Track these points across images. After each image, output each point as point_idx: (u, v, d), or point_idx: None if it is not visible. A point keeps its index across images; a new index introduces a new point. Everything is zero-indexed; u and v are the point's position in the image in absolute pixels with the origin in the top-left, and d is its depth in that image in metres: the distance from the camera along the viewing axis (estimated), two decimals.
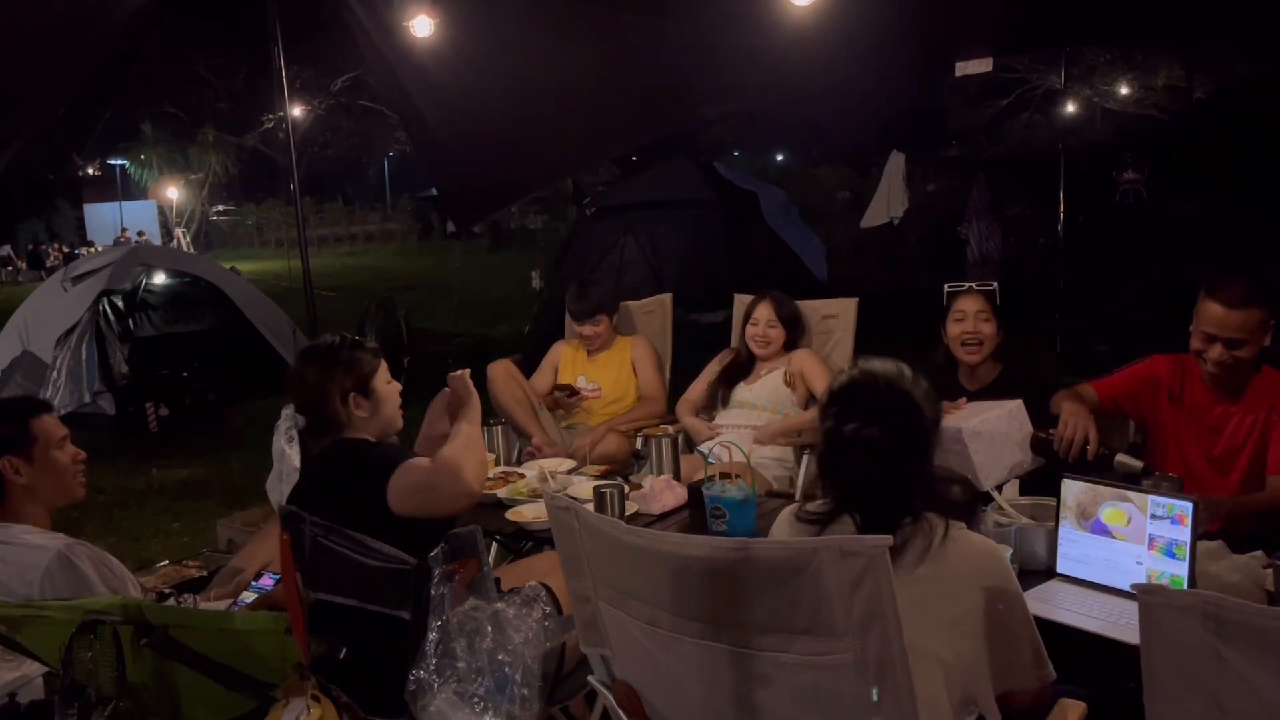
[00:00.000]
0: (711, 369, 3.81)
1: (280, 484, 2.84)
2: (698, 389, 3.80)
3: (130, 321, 7.97)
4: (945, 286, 3.19)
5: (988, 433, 2.55)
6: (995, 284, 3.16)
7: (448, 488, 2.15)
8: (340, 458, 2.29)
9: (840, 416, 1.66)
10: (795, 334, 3.73)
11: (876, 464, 1.64)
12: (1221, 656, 1.17)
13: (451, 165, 5.48)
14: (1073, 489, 2.21)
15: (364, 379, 2.31)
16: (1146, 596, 1.24)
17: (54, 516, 2.39)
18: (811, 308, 3.93)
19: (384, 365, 2.39)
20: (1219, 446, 2.63)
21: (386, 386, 2.37)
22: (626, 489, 2.81)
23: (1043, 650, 1.66)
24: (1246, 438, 2.58)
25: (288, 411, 2.33)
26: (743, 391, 3.67)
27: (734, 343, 3.89)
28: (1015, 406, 2.66)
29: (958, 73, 4.14)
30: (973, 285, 3.15)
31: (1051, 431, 2.58)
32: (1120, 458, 2.48)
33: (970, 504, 2.19)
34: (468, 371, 2.48)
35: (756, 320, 3.69)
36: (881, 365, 1.71)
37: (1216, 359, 2.52)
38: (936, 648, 1.48)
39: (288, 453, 2.69)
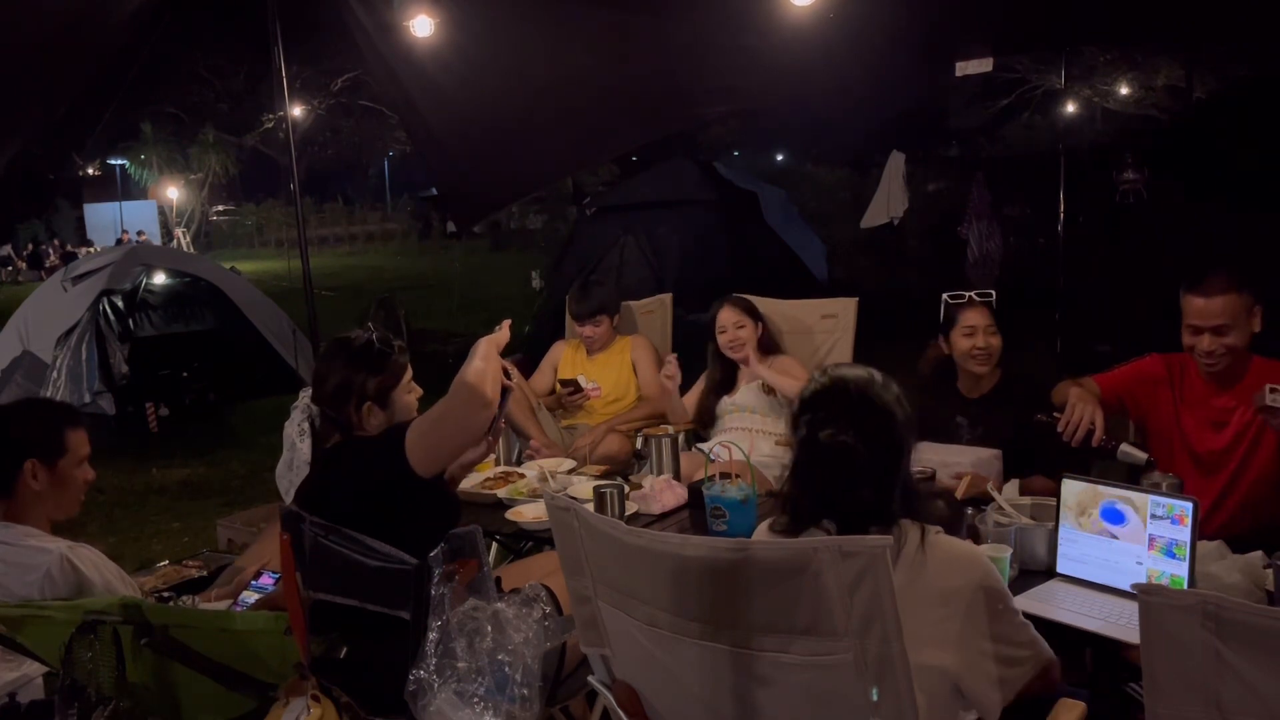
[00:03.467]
0: (698, 388, 3.77)
1: (290, 472, 2.83)
2: (688, 401, 3.76)
3: (130, 321, 7.97)
4: (944, 296, 3.17)
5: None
6: (993, 292, 3.14)
7: (458, 404, 2.08)
8: (351, 455, 2.27)
9: (813, 424, 1.66)
10: (765, 329, 3.65)
11: (851, 470, 1.63)
12: (1221, 656, 1.17)
13: (451, 165, 5.48)
14: (1073, 489, 2.22)
15: (386, 389, 2.27)
16: (1147, 596, 1.24)
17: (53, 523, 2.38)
18: (811, 308, 3.93)
19: (409, 373, 2.35)
20: (1223, 439, 2.64)
21: (406, 396, 2.32)
22: (626, 489, 2.81)
23: (1033, 634, 1.66)
24: (1248, 426, 2.60)
25: (304, 399, 2.31)
26: (727, 403, 3.65)
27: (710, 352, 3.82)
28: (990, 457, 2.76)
29: (958, 73, 4.14)
30: (973, 296, 3.12)
31: (1056, 415, 2.59)
32: (1125, 447, 2.49)
33: (954, 518, 2.18)
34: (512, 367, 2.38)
35: (724, 327, 3.60)
36: (851, 371, 1.71)
37: (1206, 349, 2.56)
38: (913, 654, 1.46)
39: (299, 445, 2.68)
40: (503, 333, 2.28)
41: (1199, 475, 2.61)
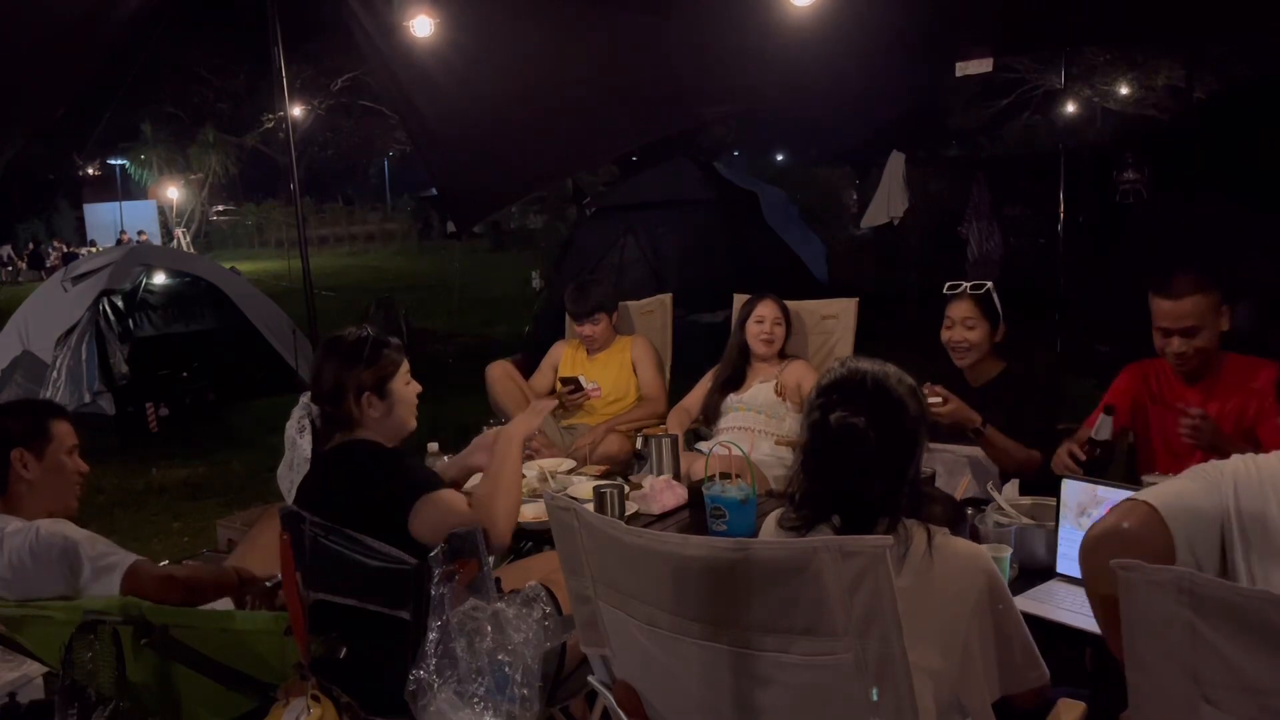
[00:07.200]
0: (706, 382, 3.79)
1: (290, 472, 2.84)
2: (693, 399, 3.79)
3: (130, 321, 7.97)
4: (946, 286, 3.19)
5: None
6: (989, 284, 3.13)
7: (478, 518, 2.10)
8: (357, 461, 2.27)
9: (827, 408, 1.65)
10: (789, 334, 3.73)
11: (862, 456, 1.62)
12: (1199, 631, 1.20)
13: (451, 165, 5.47)
14: (1073, 489, 2.22)
15: (383, 380, 2.28)
16: (1125, 573, 1.25)
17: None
18: (811, 308, 3.93)
19: (405, 366, 2.36)
20: None
21: (405, 388, 2.34)
22: (626, 489, 2.81)
23: (1034, 651, 1.65)
24: (1224, 419, 2.63)
25: (304, 399, 2.32)
26: (734, 400, 3.67)
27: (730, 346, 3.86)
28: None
29: (958, 73, 4.13)
30: (966, 286, 3.13)
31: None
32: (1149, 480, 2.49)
33: (958, 519, 2.18)
34: (554, 401, 2.43)
35: (762, 318, 3.66)
36: (868, 363, 1.71)
37: (1177, 351, 2.62)
38: (919, 657, 1.45)
39: (299, 442, 2.69)
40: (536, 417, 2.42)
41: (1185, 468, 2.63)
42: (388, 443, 2.32)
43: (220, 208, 33.31)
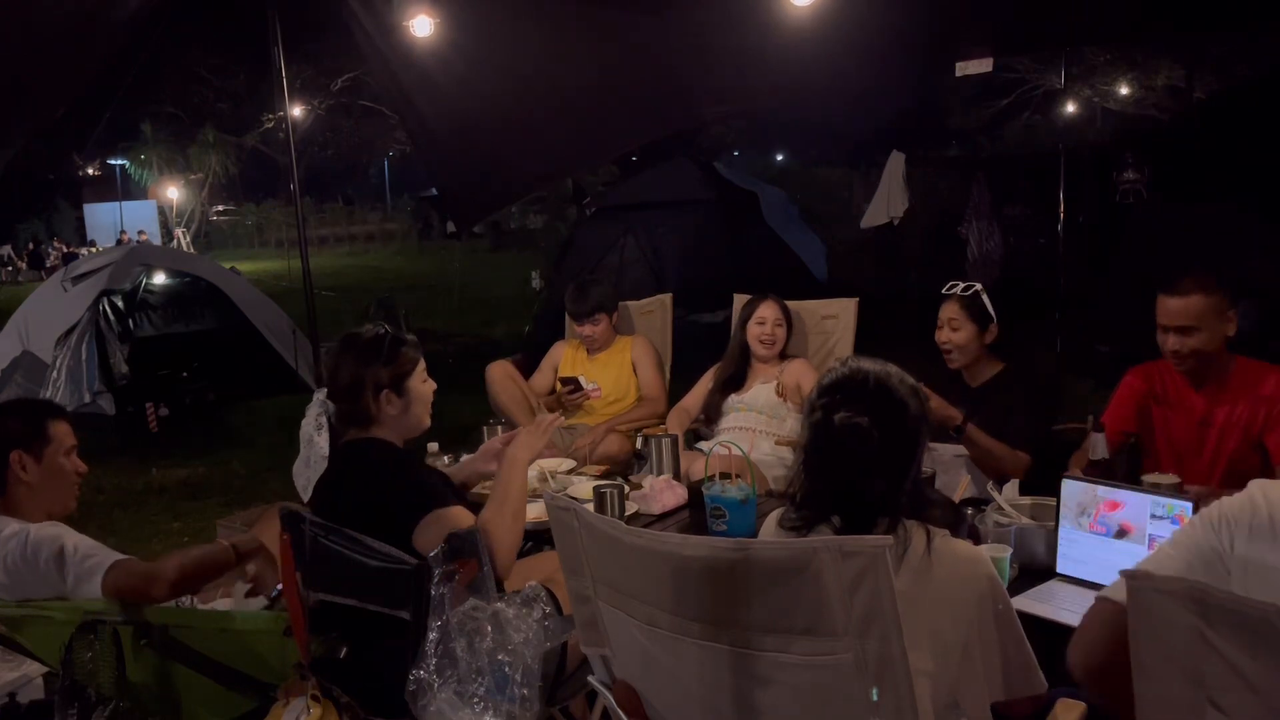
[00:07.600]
0: (705, 382, 3.79)
1: (307, 469, 2.84)
2: (693, 399, 3.79)
3: (130, 321, 7.97)
4: (945, 288, 3.19)
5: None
6: (977, 286, 3.13)
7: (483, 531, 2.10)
8: (369, 461, 2.27)
9: (830, 408, 1.65)
10: (790, 336, 3.74)
11: (865, 455, 1.62)
12: (1206, 638, 1.19)
13: (451, 165, 5.48)
14: (1073, 489, 2.22)
15: (401, 377, 2.29)
16: (1134, 582, 1.25)
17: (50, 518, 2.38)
18: (811, 308, 3.94)
19: (422, 364, 2.37)
20: (1210, 438, 2.67)
21: (421, 385, 2.35)
22: (626, 489, 2.82)
23: (1032, 658, 1.64)
24: (1232, 424, 2.64)
25: (319, 396, 2.32)
26: (735, 401, 3.67)
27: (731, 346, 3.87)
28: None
29: (958, 73, 4.14)
30: (956, 288, 3.13)
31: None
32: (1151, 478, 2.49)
33: (956, 521, 2.19)
34: (559, 419, 2.42)
35: (763, 319, 3.66)
36: (870, 363, 1.71)
37: (1173, 349, 2.63)
38: (916, 659, 1.43)
39: (316, 440, 2.69)
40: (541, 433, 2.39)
41: (1189, 472, 2.63)
42: (400, 441, 2.33)
43: (220, 208, 33.28)
